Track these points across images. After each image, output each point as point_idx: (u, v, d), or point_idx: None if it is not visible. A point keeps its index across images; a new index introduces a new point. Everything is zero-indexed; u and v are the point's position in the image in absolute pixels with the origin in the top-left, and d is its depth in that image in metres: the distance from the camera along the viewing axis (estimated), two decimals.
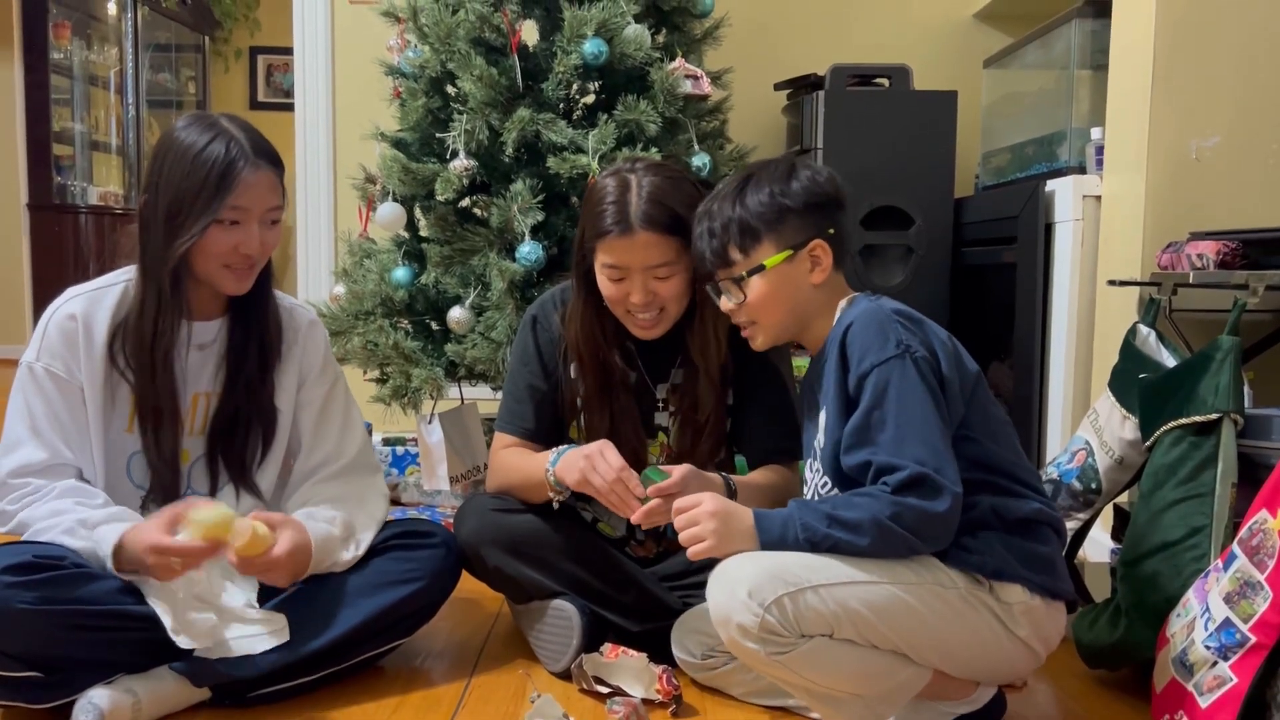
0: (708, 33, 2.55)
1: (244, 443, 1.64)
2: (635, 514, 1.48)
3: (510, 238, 2.28)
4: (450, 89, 2.42)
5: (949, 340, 1.41)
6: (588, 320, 1.69)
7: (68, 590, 1.39)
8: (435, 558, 1.65)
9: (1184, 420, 1.60)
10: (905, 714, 1.41)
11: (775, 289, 1.45)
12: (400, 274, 2.37)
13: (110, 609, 1.42)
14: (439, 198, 2.31)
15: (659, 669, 1.53)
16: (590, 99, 2.45)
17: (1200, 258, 1.79)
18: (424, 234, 2.49)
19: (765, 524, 1.35)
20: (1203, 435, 1.58)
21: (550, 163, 2.22)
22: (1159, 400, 1.66)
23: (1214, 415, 1.56)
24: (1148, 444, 1.68)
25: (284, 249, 5.95)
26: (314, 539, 1.53)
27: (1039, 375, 2.38)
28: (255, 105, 7.11)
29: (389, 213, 2.38)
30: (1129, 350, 1.84)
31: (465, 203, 2.45)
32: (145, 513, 1.54)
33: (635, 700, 1.48)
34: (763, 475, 1.69)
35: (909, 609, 1.31)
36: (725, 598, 1.30)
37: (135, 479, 1.59)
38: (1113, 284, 2.03)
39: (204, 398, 1.62)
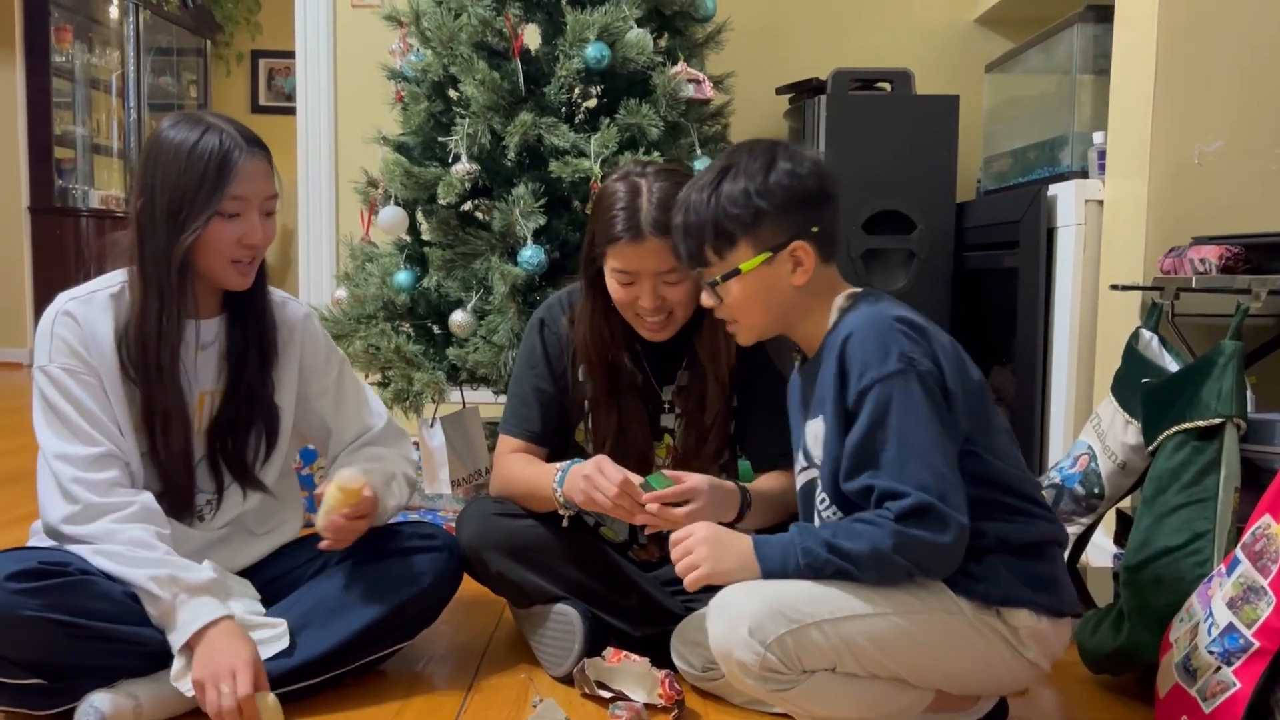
0: (710, 37, 2.56)
1: (246, 441, 1.63)
2: (642, 520, 1.50)
3: (512, 242, 2.28)
4: (452, 93, 2.42)
5: (953, 347, 1.35)
6: (596, 322, 1.69)
7: (73, 598, 1.39)
8: (437, 561, 1.65)
9: (1187, 425, 1.60)
10: None
11: (753, 292, 1.37)
12: (402, 278, 2.37)
13: (116, 617, 1.42)
14: (441, 201, 2.31)
15: (661, 674, 1.53)
16: (592, 103, 2.46)
17: (1203, 262, 1.79)
18: (426, 238, 2.50)
19: (765, 551, 1.33)
20: (1206, 440, 1.58)
21: (552, 167, 2.22)
22: (1162, 405, 1.66)
23: (1217, 420, 1.56)
24: (1150, 449, 1.68)
25: (285, 252, 5.96)
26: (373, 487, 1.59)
27: (1041, 380, 2.38)
28: (256, 109, 7.11)
29: (391, 216, 2.38)
30: (1131, 355, 1.84)
31: (467, 206, 2.45)
32: None
33: (638, 705, 1.48)
34: (772, 482, 1.69)
35: (914, 639, 1.28)
36: (725, 632, 1.27)
37: (145, 481, 1.58)
38: (1115, 289, 2.03)
39: (208, 396, 1.61)
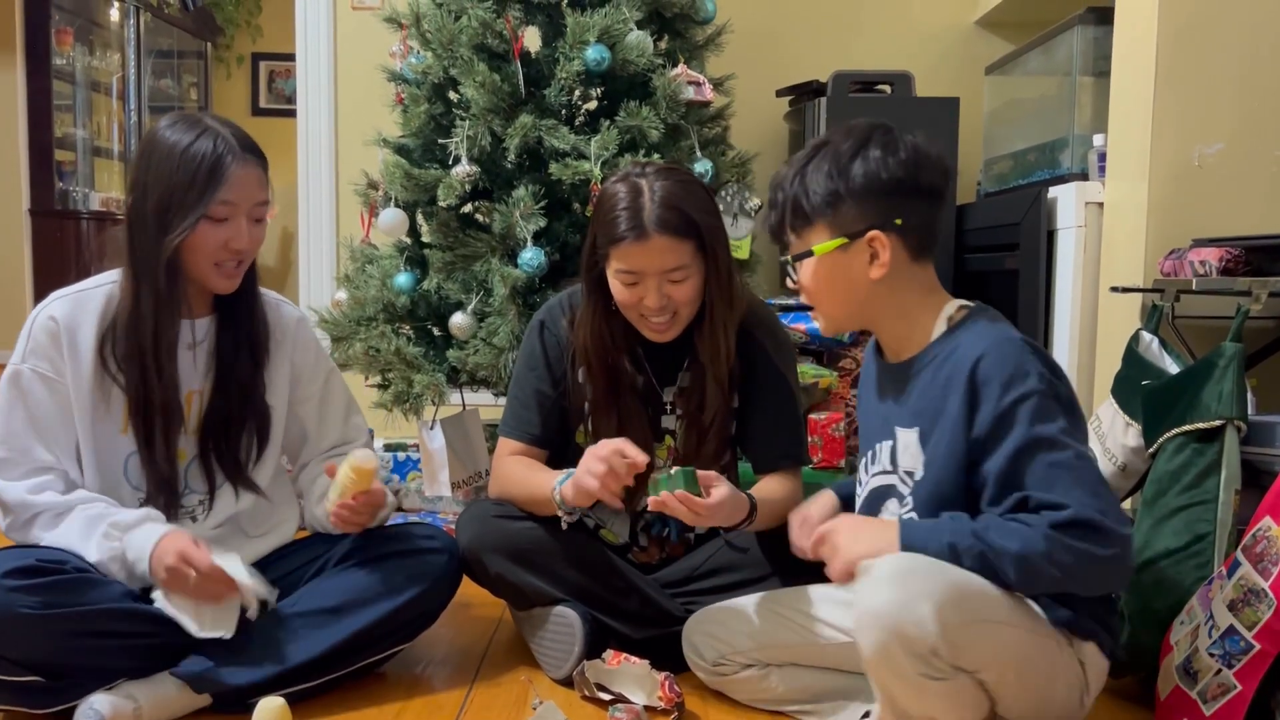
0: (710, 39, 2.56)
1: (238, 441, 1.64)
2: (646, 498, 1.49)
3: (512, 243, 2.28)
4: (453, 95, 2.42)
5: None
6: (597, 325, 1.69)
7: (71, 595, 1.39)
8: (437, 563, 1.65)
9: (1187, 427, 1.60)
10: None
11: (825, 277, 1.34)
12: (402, 280, 2.37)
13: (114, 613, 1.42)
14: (441, 203, 2.31)
15: (661, 676, 1.53)
16: (592, 105, 2.46)
17: (1203, 264, 1.79)
18: (426, 240, 2.49)
19: (909, 529, 1.26)
20: (1206, 442, 1.58)
21: (552, 169, 2.22)
22: (1162, 407, 1.66)
23: (1217, 422, 1.56)
24: (1151, 451, 1.68)
25: (285, 254, 5.96)
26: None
27: None
28: (257, 111, 7.10)
29: (391, 218, 2.38)
30: (1132, 357, 1.84)
31: (467, 208, 2.45)
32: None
33: (637, 707, 1.48)
34: (774, 487, 1.69)
35: (1041, 661, 1.23)
36: (901, 599, 1.14)
37: (132, 480, 1.58)
38: (1115, 291, 2.03)
39: (196, 395, 1.62)
